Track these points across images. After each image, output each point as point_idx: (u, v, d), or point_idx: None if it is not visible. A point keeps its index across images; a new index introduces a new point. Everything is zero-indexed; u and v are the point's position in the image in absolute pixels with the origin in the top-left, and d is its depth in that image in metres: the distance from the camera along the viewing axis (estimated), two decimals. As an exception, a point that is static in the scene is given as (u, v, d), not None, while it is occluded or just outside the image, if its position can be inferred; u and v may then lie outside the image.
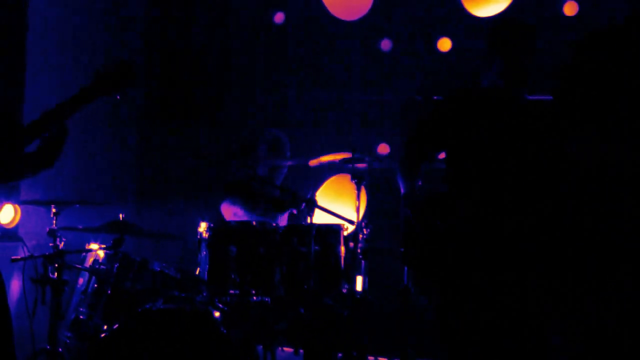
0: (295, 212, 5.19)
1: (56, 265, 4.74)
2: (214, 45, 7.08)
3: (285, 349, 4.91)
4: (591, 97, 3.12)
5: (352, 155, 5.13)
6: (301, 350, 4.77)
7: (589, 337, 3.19)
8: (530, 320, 3.69)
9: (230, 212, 5.48)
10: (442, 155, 4.12)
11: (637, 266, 3.08)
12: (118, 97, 3.47)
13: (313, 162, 5.47)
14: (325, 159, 5.40)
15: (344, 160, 5.20)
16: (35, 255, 4.79)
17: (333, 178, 6.68)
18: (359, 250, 4.98)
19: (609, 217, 3.13)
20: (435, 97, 6.46)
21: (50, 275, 4.75)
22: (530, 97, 3.93)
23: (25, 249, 5.06)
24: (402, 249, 3.89)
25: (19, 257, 4.81)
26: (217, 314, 4.64)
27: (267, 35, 7.04)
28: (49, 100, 5.84)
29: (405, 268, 4.85)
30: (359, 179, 5.11)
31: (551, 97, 3.26)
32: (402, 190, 3.98)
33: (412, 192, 3.94)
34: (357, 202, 5.09)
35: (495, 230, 3.72)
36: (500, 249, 3.71)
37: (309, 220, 5.09)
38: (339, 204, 6.26)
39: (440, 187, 3.96)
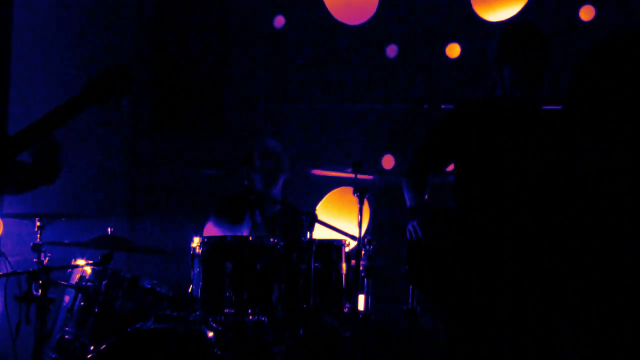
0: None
1: (41, 282, 4.73)
2: (210, 49, 7.11)
3: (283, 371, 4.91)
4: (603, 107, 3.14)
5: (354, 173, 5.15)
6: (300, 373, 4.78)
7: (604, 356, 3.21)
8: (545, 339, 3.70)
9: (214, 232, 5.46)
10: (450, 168, 4.13)
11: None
12: (113, 105, 3.46)
13: (316, 172, 5.49)
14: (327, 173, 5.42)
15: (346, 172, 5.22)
16: (19, 271, 4.79)
17: (335, 191, 6.69)
18: (361, 268, 4.99)
19: (627, 233, 3.14)
20: (443, 106, 6.48)
21: (35, 292, 4.74)
22: (547, 107, 3.96)
23: (7, 264, 5.06)
24: (406, 267, 3.90)
25: (1, 274, 4.81)
26: (210, 334, 4.65)
27: (267, 41, 7.06)
28: (36, 104, 5.91)
29: (411, 287, 4.86)
30: (361, 192, 5.12)
31: (562, 107, 3.28)
32: (407, 204, 4.00)
33: (419, 205, 3.95)
34: (360, 217, 5.09)
35: (507, 246, 3.73)
36: (512, 266, 3.72)
37: (309, 236, 5.11)
38: (340, 219, 6.26)
39: (448, 201, 3.97)
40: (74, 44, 6.53)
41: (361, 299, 5.05)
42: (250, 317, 4.75)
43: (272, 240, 4.85)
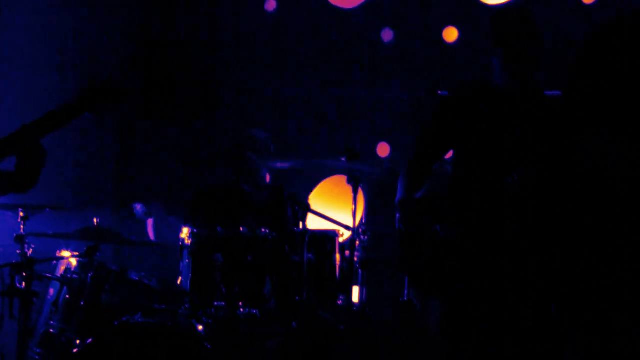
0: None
1: (24, 274, 4.75)
2: (198, 36, 7.11)
3: (275, 365, 4.94)
4: (604, 94, 3.15)
5: (347, 161, 5.16)
6: (293, 367, 4.81)
7: (603, 346, 3.23)
8: (542, 332, 3.73)
9: None
10: (449, 155, 4.17)
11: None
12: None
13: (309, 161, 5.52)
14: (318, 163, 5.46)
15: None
16: (1, 264, 4.80)
17: (328, 180, 6.70)
18: (355, 259, 5.01)
19: (623, 223, 3.16)
20: (440, 92, 6.49)
21: (18, 285, 4.75)
22: (547, 93, 3.98)
23: (-11, 256, 5.07)
24: (399, 257, 3.93)
25: (-18, 267, 4.83)
26: (200, 327, 4.67)
27: (258, 25, 7.07)
28: (17, 99, 5.91)
29: (407, 279, 4.88)
30: (356, 181, 5.13)
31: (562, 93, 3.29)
32: (397, 195, 4.03)
33: (409, 197, 3.98)
34: (354, 206, 5.11)
35: (503, 236, 3.76)
36: (508, 257, 3.75)
37: (302, 226, 5.13)
38: (334, 209, 6.28)
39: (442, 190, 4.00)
40: (59, 36, 6.54)
41: (356, 290, 5.08)
42: (242, 310, 4.77)
43: (263, 231, 4.87)
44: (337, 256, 4.95)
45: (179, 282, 4.93)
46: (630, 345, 3.13)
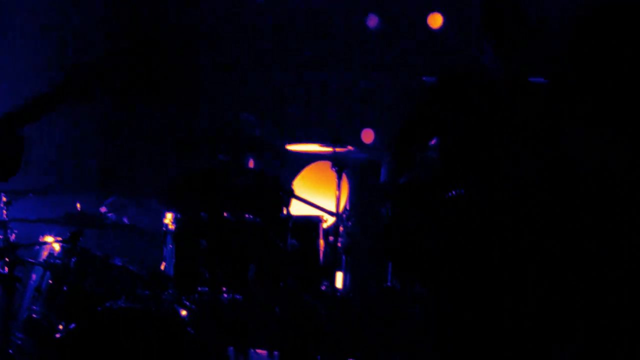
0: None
1: (7, 259, 4.75)
2: (184, 20, 7.09)
3: (258, 350, 4.96)
4: (590, 83, 3.15)
5: (334, 148, 5.18)
6: (276, 353, 4.83)
7: (592, 341, 3.25)
8: (528, 323, 3.75)
9: None
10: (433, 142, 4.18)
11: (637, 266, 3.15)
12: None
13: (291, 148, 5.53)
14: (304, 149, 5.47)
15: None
16: (-17, 249, 4.80)
17: (312, 165, 6.71)
18: (339, 244, 5.04)
19: (609, 213, 3.18)
20: (425, 78, 6.50)
21: (1, 270, 4.75)
22: (533, 80, 3.99)
23: (-29, 242, 5.06)
24: (385, 243, 3.95)
25: (-35, 252, 4.82)
26: (184, 312, 4.68)
27: (243, 10, 7.05)
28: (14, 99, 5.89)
29: (390, 264, 4.90)
30: (340, 167, 5.15)
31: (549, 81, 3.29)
32: (382, 178, 4.04)
33: (394, 183, 3.99)
34: (338, 192, 5.13)
35: (489, 223, 3.77)
36: (493, 244, 3.77)
37: (285, 212, 5.15)
38: (318, 194, 6.29)
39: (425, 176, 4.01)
40: (42, 20, 6.52)
41: (339, 276, 5.11)
42: (225, 295, 4.79)
43: (247, 216, 4.89)
44: (321, 242, 4.98)
45: (162, 267, 4.94)
46: (630, 345, 3.16)
